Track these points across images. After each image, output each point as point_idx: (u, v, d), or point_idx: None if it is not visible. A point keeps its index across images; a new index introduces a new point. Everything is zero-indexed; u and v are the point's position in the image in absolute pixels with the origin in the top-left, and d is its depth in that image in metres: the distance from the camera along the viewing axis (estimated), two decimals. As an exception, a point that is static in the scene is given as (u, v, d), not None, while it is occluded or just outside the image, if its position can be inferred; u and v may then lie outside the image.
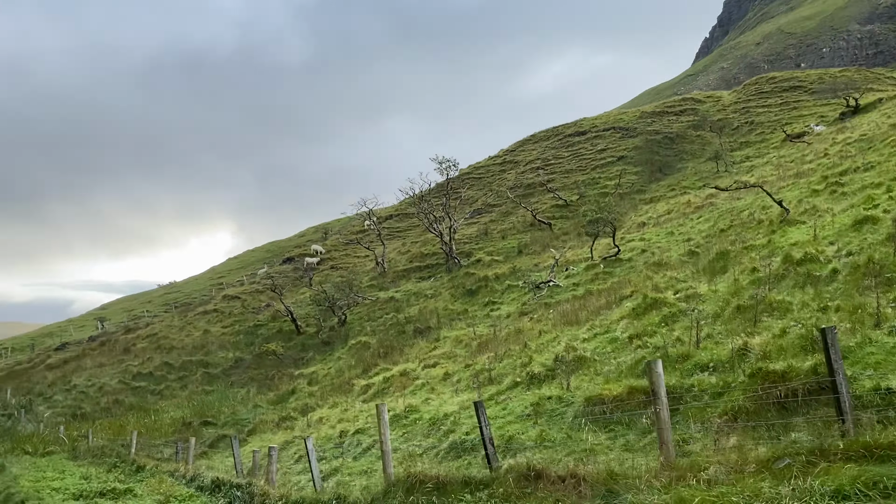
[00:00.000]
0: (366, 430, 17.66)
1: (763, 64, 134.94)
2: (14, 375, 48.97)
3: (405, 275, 49.51)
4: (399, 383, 24.74)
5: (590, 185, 55.94)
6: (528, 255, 44.18)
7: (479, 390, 17.15)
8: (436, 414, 15.74)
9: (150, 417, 32.89)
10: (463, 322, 33.17)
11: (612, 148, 63.86)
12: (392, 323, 38.70)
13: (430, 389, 20.25)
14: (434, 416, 15.60)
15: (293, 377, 36.15)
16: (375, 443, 16.20)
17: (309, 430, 22.70)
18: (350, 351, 37.33)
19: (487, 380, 18.21)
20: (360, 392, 26.31)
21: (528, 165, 68.22)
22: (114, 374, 40.56)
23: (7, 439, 28.78)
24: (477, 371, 19.75)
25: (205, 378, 39.16)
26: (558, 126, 78.27)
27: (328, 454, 17.28)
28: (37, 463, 22.36)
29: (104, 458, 21.84)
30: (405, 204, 75.96)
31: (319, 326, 43.47)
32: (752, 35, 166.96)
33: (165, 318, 59.75)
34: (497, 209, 59.28)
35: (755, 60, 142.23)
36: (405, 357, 29.89)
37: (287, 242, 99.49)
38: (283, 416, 26.20)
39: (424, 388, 21.35)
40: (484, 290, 37.20)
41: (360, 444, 16.67)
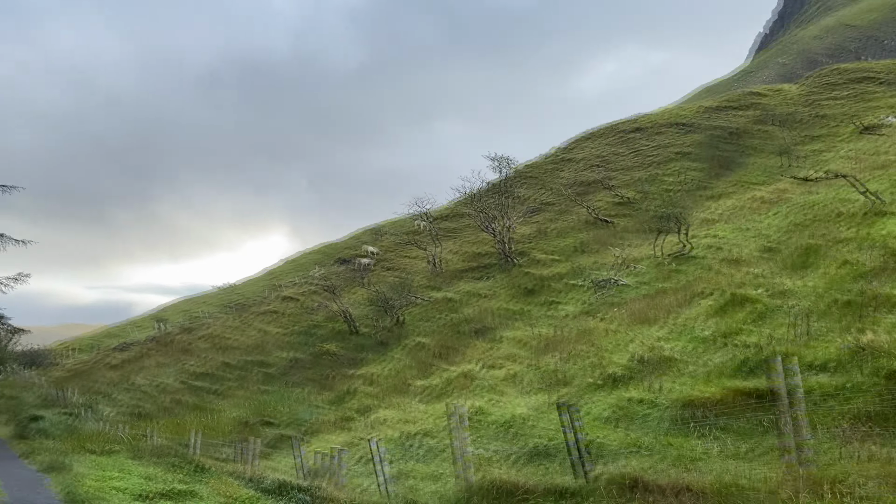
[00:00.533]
0: (431, 432, 16.94)
1: (824, 58, 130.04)
2: (78, 375, 50.04)
3: (460, 275, 48.76)
4: (460, 384, 24.02)
5: (650, 182, 54.27)
6: (588, 253, 42.96)
7: (550, 392, 16.26)
8: (506, 416, 14.91)
9: (209, 417, 32.91)
10: (522, 322, 32.27)
11: (672, 144, 61.97)
12: (448, 323, 38.00)
13: (495, 391, 19.44)
14: (504, 419, 14.77)
15: (350, 377, 35.77)
16: (443, 445, 15.47)
17: (369, 431, 22.13)
18: (406, 351, 36.77)
19: (558, 381, 17.31)
20: (420, 393, 25.68)
21: (585, 163, 66.75)
22: (173, 374, 40.90)
23: (72, 438, 29.07)
24: (545, 372, 18.86)
25: (262, 378, 39.13)
26: (615, 122, 76.45)
27: (393, 456, 16.61)
28: (99, 462, 22.31)
29: (165, 458, 21.63)
30: (458, 204, 75.33)
31: (375, 327, 43.06)
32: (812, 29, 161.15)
33: (223, 319, 60.33)
34: (553, 208, 58.05)
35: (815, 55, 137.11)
36: (464, 358, 29.15)
37: (340, 244, 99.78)
38: (343, 416, 25.74)
39: (489, 389, 20.54)
40: (543, 290, 36.20)
41: (425, 447, 15.95)
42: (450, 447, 15.32)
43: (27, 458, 26.86)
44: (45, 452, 26.47)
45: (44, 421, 32.86)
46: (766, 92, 70.93)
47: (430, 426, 17.69)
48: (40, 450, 27.39)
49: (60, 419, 33.33)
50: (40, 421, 32.87)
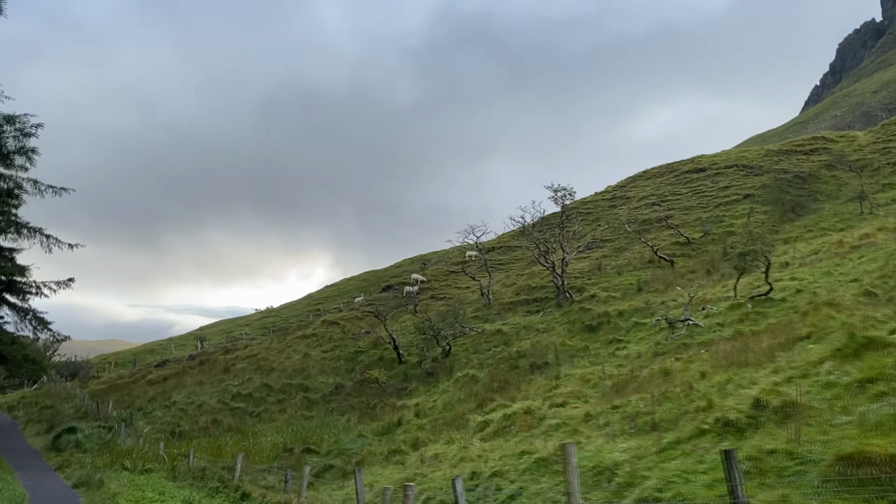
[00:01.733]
0: (504, 474, 15.03)
1: (880, 112, 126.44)
2: (115, 389, 49.11)
3: (511, 307, 46.87)
4: (524, 422, 22.03)
5: (713, 223, 51.93)
6: (649, 292, 40.77)
7: (643, 436, 14.29)
8: (598, 461, 12.95)
9: (248, 440, 31.37)
10: (585, 360, 30.19)
11: (736, 185, 59.61)
12: (502, 356, 36.03)
13: (571, 431, 17.45)
14: (594, 464, 12.81)
15: (396, 408, 33.96)
16: (522, 491, 13.56)
17: (424, 467, 20.27)
18: (457, 384, 34.86)
19: (649, 424, 15.30)
20: (477, 429, 23.72)
21: (642, 201, 64.67)
22: (213, 393, 39.58)
23: (106, 452, 27.76)
24: (629, 414, 16.85)
25: (304, 403, 37.55)
26: (673, 163, 74.43)
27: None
28: (135, 481, 20.84)
29: (205, 482, 20.06)
30: (508, 237, 73.72)
31: (422, 356, 41.29)
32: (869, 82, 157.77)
33: (264, 341, 59.22)
34: (609, 244, 56.00)
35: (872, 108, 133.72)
36: (522, 393, 27.15)
37: (384, 272, 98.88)
38: (393, 448, 23.90)
39: (562, 429, 18.56)
40: (606, 327, 34.08)
41: (500, 490, 14.04)
42: (528, 491, 13.42)
43: (61, 472, 25.57)
44: (78, 466, 25.16)
45: (79, 433, 31.71)
46: (836, 138, 68.23)
47: (499, 466, 15.78)
48: (74, 463, 26.11)
49: (96, 432, 32.15)
50: (76, 433, 31.73)
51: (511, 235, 71.10)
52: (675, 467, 11.14)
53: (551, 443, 16.06)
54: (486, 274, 51.32)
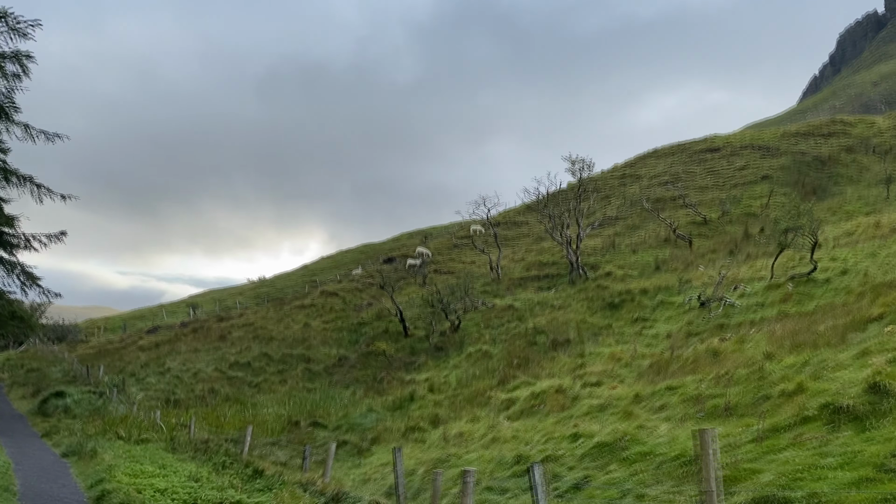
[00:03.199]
0: (558, 459, 13.23)
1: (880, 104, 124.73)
2: (105, 354, 47.10)
3: (521, 283, 45.08)
4: (555, 402, 20.29)
5: (731, 203, 50.16)
6: (668, 272, 39.04)
7: (724, 421, 12.52)
8: (682, 450, 11.15)
9: (248, 411, 29.54)
10: (610, 338, 28.47)
11: (753, 166, 57.81)
12: (516, 332, 34.26)
13: (623, 414, 15.66)
14: (682, 453, 11.02)
15: (405, 382, 32.19)
16: (587, 479, 11.77)
17: (450, 447, 18.52)
18: (469, 359, 33.11)
19: (721, 409, 13.52)
20: (502, 407, 21.97)
21: (654, 180, 62.82)
22: (209, 361, 37.67)
23: (97, 419, 25.84)
24: (692, 396, 15.08)
25: (306, 374, 35.71)
26: (685, 142, 72.50)
27: (509, 486, 12.97)
28: (131, 451, 18.95)
29: (209, 455, 18.20)
30: (513, 213, 71.71)
31: (430, 330, 39.46)
32: (869, 74, 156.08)
33: (259, 310, 57.23)
34: (621, 222, 54.20)
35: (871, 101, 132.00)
36: (546, 371, 25.41)
37: (381, 245, 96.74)
38: (410, 425, 22.12)
39: (608, 410, 16.79)
40: (629, 305, 32.33)
41: (559, 478, 12.23)
42: (597, 481, 11.63)
43: (48, 438, 23.65)
44: (67, 433, 23.26)
45: (68, 398, 29.78)
46: (854, 121, 66.45)
47: (550, 450, 13.97)
48: (63, 430, 24.22)
49: (86, 397, 30.21)
50: (64, 398, 29.79)
51: (517, 211, 69.20)
52: (789, 460, 9.34)
53: (610, 426, 14.26)
54: (496, 248, 49.36)
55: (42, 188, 26.53)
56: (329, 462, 13.99)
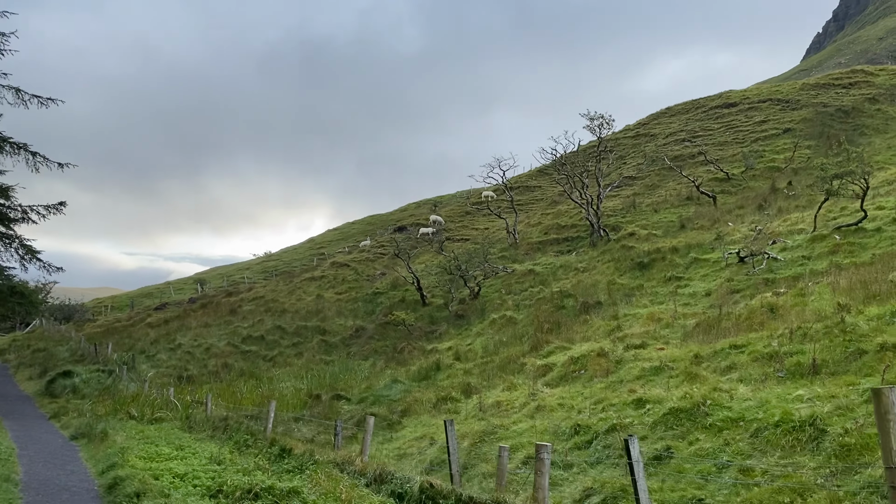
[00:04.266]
0: (626, 428, 11.74)
1: (886, 59, 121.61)
2: (113, 332, 45.85)
3: (540, 247, 43.52)
4: (598, 366, 18.79)
5: (756, 157, 48.29)
6: (694, 229, 37.37)
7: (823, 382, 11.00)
8: (783, 414, 9.62)
9: (264, 386, 28.20)
10: (644, 298, 26.93)
11: (773, 120, 55.78)
12: (541, 297, 32.79)
13: (687, 375, 14.13)
14: (783, 418, 9.49)
15: (426, 351, 30.83)
16: (669, 450, 10.28)
17: (489, 417, 17.08)
18: (493, 326, 31.70)
19: (806, 367, 12.00)
20: (538, 374, 20.49)
21: (670, 138, 60.84)
22: (221, 336, 36.32)
23: (107, 399, 24.52)
24: (766, 354, 13.56)
25: (322, 346, 34.37)
26: (699, 98, 70.33)
27: (573, 460, 11.51)
28: (145, 432, 17.59)
29: (229, 433, 16.81)
30: (525, 177, 69.88)
31: (448, 297, 38.02)
32: (874, 30, 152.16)
33: (269, 284, 55.88)
34: (639, 182, 52.40)
35: (877, 56, 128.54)
36: (581, 335, 23.92)
37: (389, 216, 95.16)
38: (441, 395, 20.66)
39: (664, 373, 15.27)
40: (660, 264, 30.74)
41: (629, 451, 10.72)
42: (682, 452, 10.14)
43: (56, 420, 22.32)
44: (76, 414, 21.92)
45: (76, 377, 28.48)
46: (875, 71, 64.14)
47: (615, 419, 12.47)
48: (71, 410, 22.88)
49: (95, 376, 28.91)
50: (72, 377, 28.49)
51: (529, 175, 67.40)
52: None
53: (678, 390, 12.75)
54: (512, 212, 47.69)
55: (38, 156, 24.92)
56: (367, 438, 12.53)
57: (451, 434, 10.54)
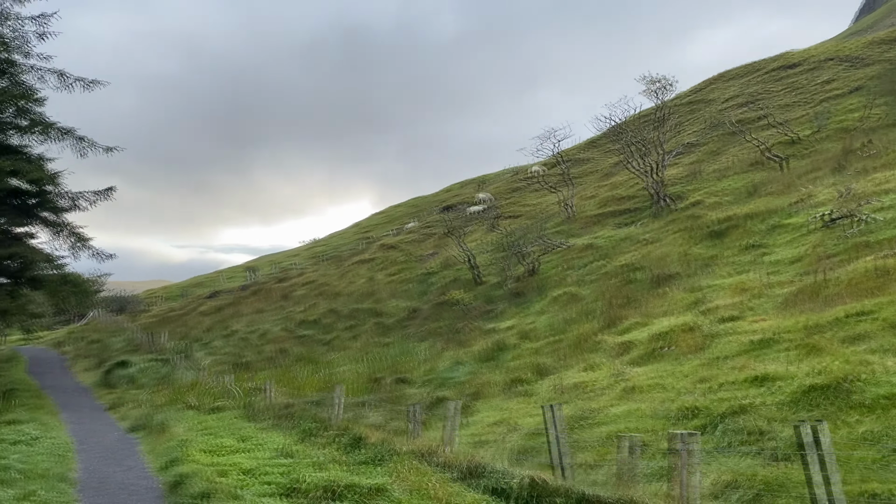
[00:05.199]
0: (750, 409, 10.18)
1: None
2: (167, 321, 45.69)
3: (598, 220, 41.67)
4: (688, 342, 17.17)
5: (823, 118, 45.42)
6: (766, 195, 35.03)
7: None
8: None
9: (322, 370, 27.24)
10: (724, 269, 25.04)
11: (840, 79, 52.55)
12: (606, 271, 31.11)
13: (808, 349, 12.46)
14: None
15: (485, 331, 29.50)
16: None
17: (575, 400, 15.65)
18: (555, 303, 30.15)
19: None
20: (617, 352, 18.96)
21: (728, 103, 58.00)
22: (275, 321, 35.57)
23: (164, 388, 23.83)
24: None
25: (377, 329, 33.31)
26: (756, 61, 67.08)
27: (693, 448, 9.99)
28: (205, 422, 16.65)
29: (294, 421, 15.72)
30: (574, 150, 67.70)
31: (504, 276, 36.55)
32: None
33: (319, 268, 55.20)
34: (699, 149, 49.94)
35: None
36: (660, 309, 22.23)
37: (433, 197, 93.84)
38: (512, 377, 19.30)
39: (775, 346, 13.62)
40: (735, 232, 28.73)
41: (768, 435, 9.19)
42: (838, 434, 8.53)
43: (114, 411, 21.63)
44: (134, 405, 21.16)
45: (132, 367, 27.96)
46: (950, 22, 60.05)
47: (727, 399, 10.93)
48: (128, 401, 22.17)
49: (151, 366, 28.36)
50: (128, 367, 27.98)
51: (579, 148, 65.24)
52: None
53: (806, 365, 11.11)
54: (566, 185, 45.86)
55: (85, 141, 24.22)
56: (454, 425, 11.18)
57: (557, 421, 9.13)
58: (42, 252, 23.28)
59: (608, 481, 9.50)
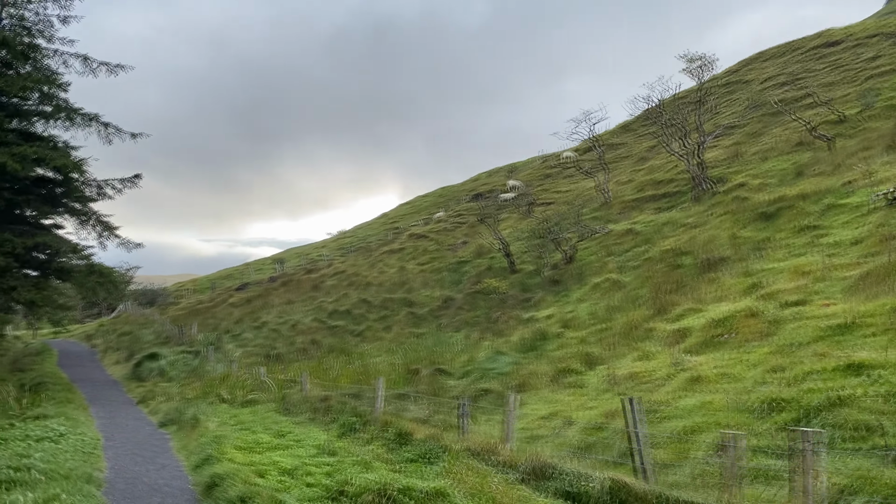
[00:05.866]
0: (850, 402, 9.00)
1: None
2: (197, 313, 45.23)
3: (636, 205, 40.29)
4: (750, 329, 15.96)
5: (872, 96, 43.46)
6: (815, 176, 33.43)
7: None
8: None
9: (355, 361, 26.37)
10: (778, 251, 23.67)
11: (887, 55, 50.33)
12: (648, 257, 29.86)
13: (893, 335, 11.22)
14: None
15: (524, 321, 28.46)
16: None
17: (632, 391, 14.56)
18: (596, 290, 28.99)
19: None
20: (672, 340, 17.78)
21: (767, 83, 56.02)
22: (306, 312, 34.81)
23: (195, 380, 23.13)
24: None
25: (410, 319, 32.39)
26: (795, 40, 64.83)
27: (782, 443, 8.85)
28: (239, 416, 15.83)
29: (332, 416, 14.82)
30: (606, 135, 66.11)
31: (540, 263, 35.42)
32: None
33: (348, 258, 54.45)
34: (738, 130, 48.20)
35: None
36: (713, 295, 20.97)
37: (460, 187, 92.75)
38: (560, 368, 18.20)
39: (858, 333, 12.38)
40: (788, 213, 27.27)
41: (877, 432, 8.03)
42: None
43: (144, 405, 20.96)
44: (164, 398, 20.45)
45: (162, 359, 27.35)
46: None
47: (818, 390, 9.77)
48: (159, 394, 21.47)
49: (181, 358, 27.73)
50: (158, 359, 27.37)
51: (611, 133, 63.63)
52: None
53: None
54: (602, 169, 44.47)
55: (110, 127, 23.50)
56: (510, 421, 10.11)
57: (638, 416, 8.06)
58: (69, 242, 22.66)
59: (691, 483, 8.43)
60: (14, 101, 22.21)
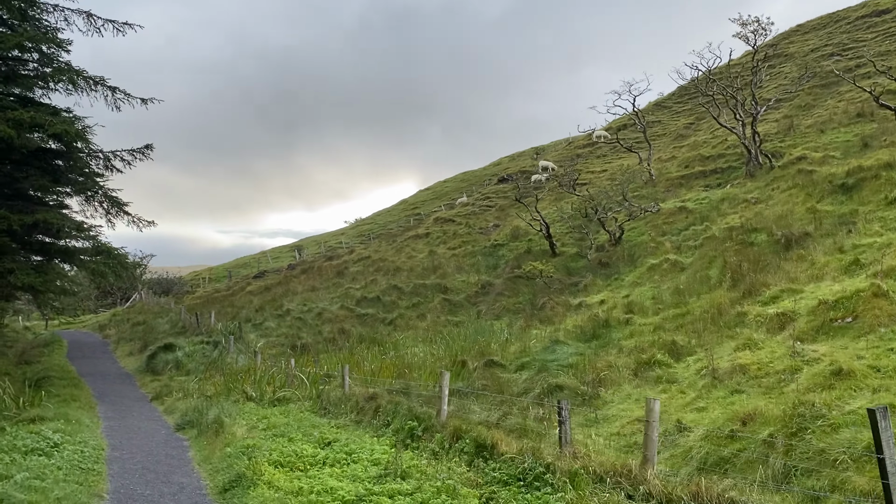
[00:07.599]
0: None
1: None
2: (214, 301, 42.93)
3: (683, 183, 37.50)
4: (876, 312, 13.25)
5: (936, 63, 40.31)
6: (883, 147, 30.57)
7: None
8: None
9: (390, 352, 23.86)
10: (871, 224, 20.87)
11: (944, 20, 47.10)
12: (707, 236, 27.12)
13: None
14: None
15: (572, 307, 25.86)
16: None
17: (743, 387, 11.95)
18: (651, 273, 26.33)
19: None
20: (774, 326, 15.07)
21: (812, 55, 52.77)
22: (332, 299, 32.37)
23: (215, 374, 20.70)
24: None
25: (445, 306, 29.88)
26: (838, 11, 61.40)
27: None
28: (269, 418, 13.34)
29: (383, 419, 12.28)
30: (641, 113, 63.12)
31: (584, 245, 32.74)
32: None
33: (370, 245, 51.99)
34: (787, 102, 45.16)
35: None
36: (808, 274, 18.24)
37: (482, 171, 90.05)
38: (642, 359, 15.56)
39: None
40: (871, 184, 24.44)
41: None
42: None
43: (158, 402, 18.51)
44: (181, 395, 17.96)
45: (178, 351, 25.00)
46: None
47: None
48: (175, 390, 18.99)
49: (198, 349, 25.36)
50: (174, 351, 25.03)
51: (645, 110, 60.59)
52: None
53: None
54: (646, 145, 41.62)
55: (118, 91, 21.02)
56: (653, 434, 7.45)
57: (888, 432, 5.41)
58: (73, 219, 20.27)
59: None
60: (9, 63, 19.79)
